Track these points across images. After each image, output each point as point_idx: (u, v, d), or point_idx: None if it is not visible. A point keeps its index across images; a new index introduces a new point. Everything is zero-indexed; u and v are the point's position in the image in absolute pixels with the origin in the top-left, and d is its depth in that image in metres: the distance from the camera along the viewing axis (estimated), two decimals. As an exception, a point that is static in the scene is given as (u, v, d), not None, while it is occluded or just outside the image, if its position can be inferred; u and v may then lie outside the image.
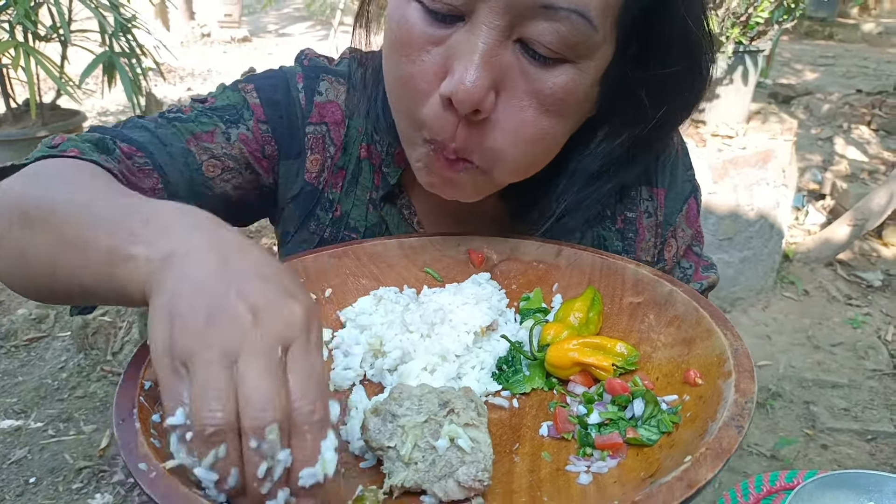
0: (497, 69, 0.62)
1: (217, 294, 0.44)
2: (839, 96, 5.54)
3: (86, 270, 0.54)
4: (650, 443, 0.56)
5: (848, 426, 2.55)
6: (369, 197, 0.87)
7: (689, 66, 0.71)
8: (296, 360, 0.44)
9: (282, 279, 0.48)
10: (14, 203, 0.61)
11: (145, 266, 0.49)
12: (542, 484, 0.54)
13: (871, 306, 3.31)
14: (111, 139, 0.74)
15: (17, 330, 2.95)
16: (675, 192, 0.91)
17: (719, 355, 0.60)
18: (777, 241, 3.28)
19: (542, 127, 0.66)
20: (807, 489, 0.79)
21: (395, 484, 0.51)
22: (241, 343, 0.43)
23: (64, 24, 3.19)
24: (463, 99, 0.61)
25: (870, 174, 4.32)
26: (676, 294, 0.70)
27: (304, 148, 0.85)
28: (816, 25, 8.89)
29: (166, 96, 5.62)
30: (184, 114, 0.81)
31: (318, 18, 9.64)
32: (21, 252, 0.59)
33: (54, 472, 2.29)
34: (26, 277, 0.61)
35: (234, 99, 0.83)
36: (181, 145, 0.79)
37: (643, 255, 0.90)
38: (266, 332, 0.43)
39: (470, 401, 0.56)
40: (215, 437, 0.41)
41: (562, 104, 0.65)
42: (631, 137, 0.77)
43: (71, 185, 0.62)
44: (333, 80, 0.87)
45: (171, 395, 0.44)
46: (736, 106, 3.24)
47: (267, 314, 0.44)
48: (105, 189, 0.62)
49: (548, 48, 0.61)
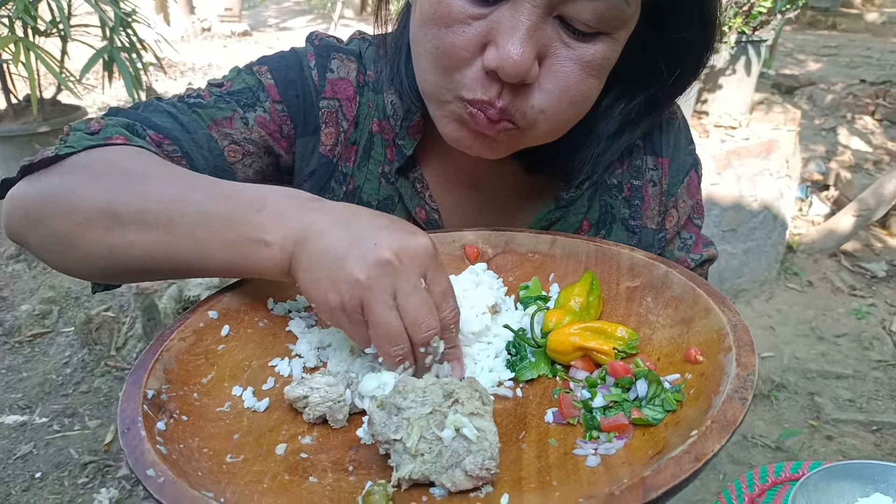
0: (540, 42, 0.66)
1: (361, 253, 0.57)
2: (843, 86, 5.52)
3: (209, 261, 0.64)
4: (655, 422, 0.56)
5: (853, 417, 2.54)
6: (381, 171, 0.89)
7: (702, 31, 0.76)
8: (433, 280, 0.60)
9: (396, 223, 0.61)
10: (89, 203, 0.65)
11: (280, 252, 0.61)
12: (551, 469, 0.54)
13: (876, 297, 3.30)
14: (140, 126, 0.76)
15: (21, 326, 2.96)
16: (678, 163, 0.94)
17: (718, 331, 0.61)
18: (781, 232, 3.27)
19: (582, 90, 0.70)
20: (812, 480, 0.79)
21: (403, 476, 0.51)
22: (395, 283, 0.57)
23: (63, 18, 3.18)
24: (510, 72, 0.64)
25: (874, 164, 4.31)
26: (672, 275, 0.70)
27: (319, 123, 0.87)
28: (820, 15, 8.85)
29: (167, 91, 5.61)
30: (203, 99, 0.83)
31: (318, 12, 9.63)
32: (115, 250, 0.66)
33: (60, 466, 2.30)
34: (120, 272, 0.69)
35: (250, 81, 0.85)
36: (204, 131, 0.80)
37: (649, 222, 0.93)
38: (409, 268, 0.58)
39: (474, 390, 0.56)
40: (401, 360, 0.60)
41: (600, 69, 0.70)
42: (646, 98, 0.82)
43: (149, 178, 0.67)
44: (344, 57, 0.89)
45: (359, 338, 0.61)
46: (739, 96, 3.22)
47: (404, 255, 0.58)
48: (183, 177, 0.68)
49: (586, 25, 0.65)
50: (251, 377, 0.66)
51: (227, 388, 0.63)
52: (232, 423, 0.60)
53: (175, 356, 0.63)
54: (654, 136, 0.92)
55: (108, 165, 0.68)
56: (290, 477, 0.54)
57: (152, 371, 0.59)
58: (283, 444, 0.58)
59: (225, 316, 0.69)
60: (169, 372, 0.61)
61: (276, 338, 0.71)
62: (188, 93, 0.84)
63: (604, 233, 0.92)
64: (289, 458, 0.56)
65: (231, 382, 0.64)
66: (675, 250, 0.95)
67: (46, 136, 3.78)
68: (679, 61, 0.78)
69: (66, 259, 0.70)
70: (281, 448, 0.57)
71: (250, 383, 0.65)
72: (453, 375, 0.63)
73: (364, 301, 0.57)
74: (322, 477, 0.54)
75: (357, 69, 0.89)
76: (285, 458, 0.56)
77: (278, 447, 0.57)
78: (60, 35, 3.44)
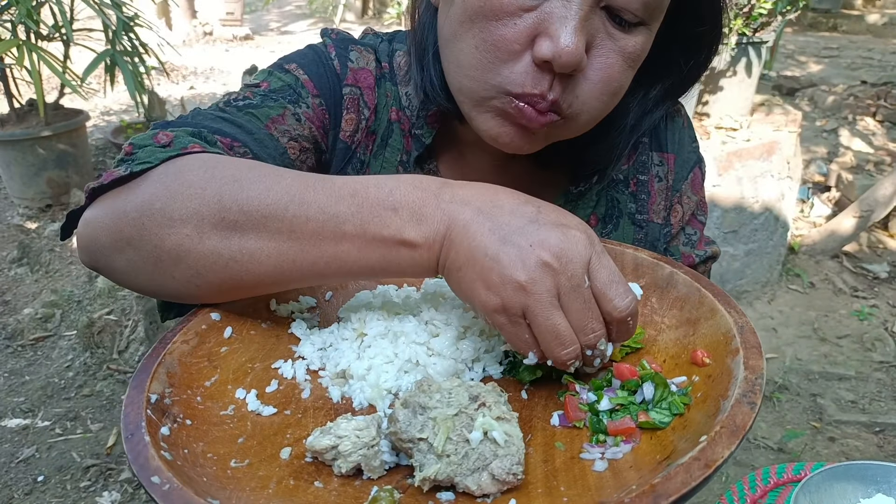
0: (589, 33, 0.67)
1: (518, 254, 0.54)
2: (844, 88, 5.51)
3: (345, 268, 0.60)
4: (663, 425, 0.56)
5: (855, 418, 2.54)
6: (399, 159, 0.89)
7: (714, 22, 0.78)
8: (597, 271, 0.57)
9: (548, 214, 0.58)
10: (197, 213, 0.60)
11: (428, 252, 0.58)
12: (558, 473, 0.53)
13: (878, 298, 3.30)
14: (206, 132, 0.72)
15: (24, 329, 2.96)
16: (683, 159, 0.95)
17: (725, 333, 0.60)
18: (782, 234, 3.26)
19: (622, 81, 0.72)
20: (814, 481, 0.79)
21: (428, 476, 0.50)
22: (558, 285, 0.55)
23: (66, 23, 3.19)
24: (566, 62, 0.65)
25: (875, 165, 4.30)
26: (677, 276, 0.70)
27: (342, 109, 0.87)
28: (820, 17, 8.84)
29: (170, 95, 5.62)
30: (251, 99, 0.81)
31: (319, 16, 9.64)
32: (233, 262, 0.61)
33: (62, 470, 2.30)
34: (234, 286, 0.64)
35: (287, 79, 0.84)
36: (263, 131, 0.78)
37: (655, 216, 0.93)
38: (571, 269, 0.55)
39: (500, 395, 0.55)
40: (571, 364, 0.58)
41: (638, 60, 0.72)
42: (662, 91, 0.84)
43: (255, 181, 0.61)
44: (362, 49, 0.90)
45: (520, 343, 0.58)
46: (740, 98, 3.22)
47: (563, 254, 0.55)
48: (292, 177, 0.62)
49: (634, 14, 0.67)
50: (254, 379, 0.65)
51: (230, 390, 0.63)
52: (236, 427, 0.59)
53: (178, 359, 0.62)
54: (659, 133, 0.94)
55: (203, 174, 0.62)
56: (295, 482, 0.54)
57: (155, 375, 0.58)
58: (288, 448, 0.57)
59: (227, 317, 0.69)
60: (172, 375, 0.60)
61: (279, 339, 0.70)
62: (231, 96, 0.82)
63: (611, 227, 0.92)
64: (294, 463, 0.56)
65: (234, 385, 0.64)
66: (680, 245, 0.95)
67: (49, 140, 3.79)
68: (694, 53, 0.81)
69: (165, 278, 0.64)
70: (286, 452, 0.57)
71: (254, 386, 0.64)
72: None
73: (527, 306, 0.55)
74: (328, 482, 0.54)
75: (375, 60, 0.90)
76: (290, 463, 0.56)
77: (283, 451, 0.57)
78: (63, 39, 3.45)
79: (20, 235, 3.71)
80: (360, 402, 0.63)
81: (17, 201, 4.00)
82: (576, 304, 0.56)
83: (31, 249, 3.49)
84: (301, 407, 0.63)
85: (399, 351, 0.66)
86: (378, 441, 0.55)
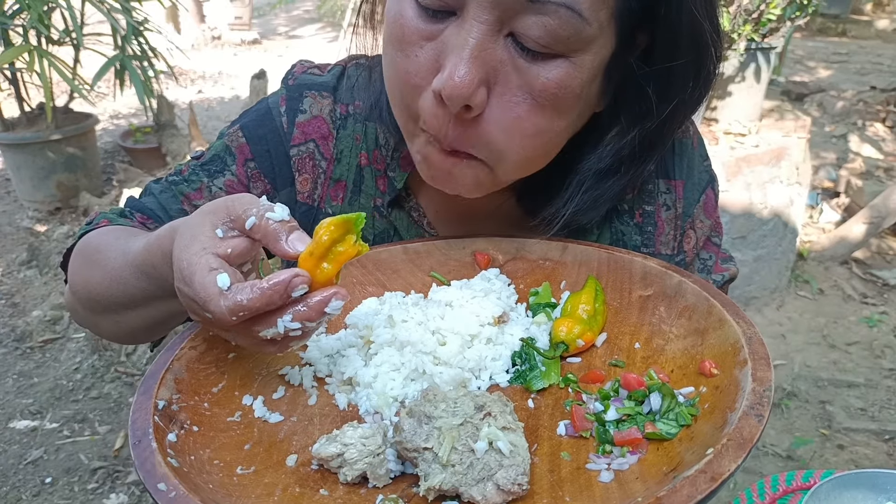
0: (488, 64, 0.61)
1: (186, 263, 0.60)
2: (853, 93, 5.48)
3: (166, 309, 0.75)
4: (669, 437, 0.56)
5: (865, 426, 2.52)
6: (374, 204, 0.87)
7: (697, 59, 0.68)
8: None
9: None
10: (76, 256, 0.83)
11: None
12: (564, 484, 0.53)
13: (888, 304, 3.27)
14: (129, 210, 0.88)
15: (32, 332, 2.98)
16: (693, 183, 0.90)
17: (733, 344, 0.60)
18: (791, 240, 3.25)
19: (536, 122, 0.64)
20: (823, 489, 0.78)
21: (433, 486, 0.50)
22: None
23: (76, 27, 3.21)
24: (451, 94, 0.60)
25: (885, 171, 4.27)
26: (686, 285, 0.70)
27: (293, 172, 0.87)
28: (829, 22, 8.80)
29: (178, 99, 5.65)
30: (182, 174, 0.88)
31: (328, 20, 9.67)
32: (121, 325, 0.81)
33: (70, 472, 2.31)
34: (147, 331, 0.82)
35: (219, 149, 0.88)
36: (178, 206, 0.86)
37: (663, 248, 0.89)
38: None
39: (505, 405, 0.55)
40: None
41: (556, 99, 0.63)
42: (640, 134, 0.74)
43: (104, 238, 0.80)
44: (317, 95, 0.88)
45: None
46: (748, 104, 3.21)
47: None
48: (124, 236, 0.79)
49: (537, 42, 0.60)
50: (261, 386, 0.66)
51: (237, 397, 0.63)
52: (243, 433, 0.60)
53: (185, 365, 0.63)
54: (665, 159, 0.88)
55: (89, 239, 0.81)
56: (301, 489, 0.54)
57: (163, 381, 0.59)
58: (294, 455, 0.57)
59: (235, 325, 0.69)
60: (179, 381, 0.61)
61: (286, 347, 0.71)
62: (176, 169, 0.90)
63: None
64: (300, 470, 0.56)
65: (241, 391, 0.64)
66: (696, 272, 0.92)
67: (59, 144, 3.81)
68: (672, 93, 0.70)
69: (119, 332, 0.83)
70: (292, 459, 0.57)
71: (260, 392, 0.65)
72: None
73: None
74: (333, 490, 0.54)
75: (332, 104, 0.87)
76: (296, 470, 0.56)
77: (289, 458, 0.57)
78: (73, 44, 3.48)
79: (29, 238, 3.74)
80: (366, 410, 0.63)
81: (26, 204, 4.03)
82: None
83: (41, 252, 3.52)
84: (307, 414, 0.63)
85: (406, 360, 0.66)
86: (384, 449, 0.55)
